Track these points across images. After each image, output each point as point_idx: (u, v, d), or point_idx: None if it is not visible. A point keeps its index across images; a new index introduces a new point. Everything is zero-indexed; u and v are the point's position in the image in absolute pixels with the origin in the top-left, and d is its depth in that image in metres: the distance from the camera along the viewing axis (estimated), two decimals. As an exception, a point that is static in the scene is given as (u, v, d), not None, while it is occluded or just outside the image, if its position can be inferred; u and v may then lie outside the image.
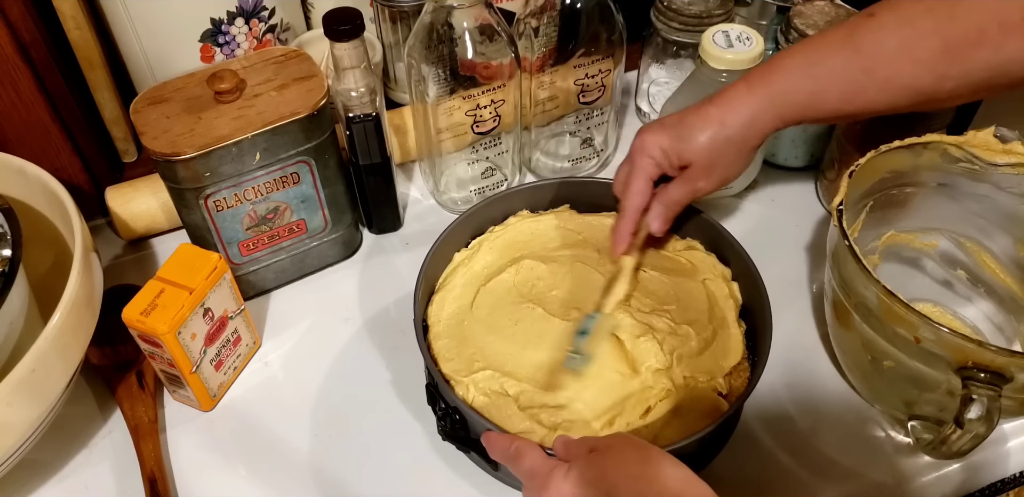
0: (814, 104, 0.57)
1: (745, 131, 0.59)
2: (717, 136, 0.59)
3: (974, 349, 0.52)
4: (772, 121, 0.58)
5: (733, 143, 0.59)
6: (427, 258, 0.65)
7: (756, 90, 0.58)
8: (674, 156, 0.60)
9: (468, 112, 0.71)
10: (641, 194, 0.62)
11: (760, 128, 0.59)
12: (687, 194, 0.62)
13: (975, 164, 0.64)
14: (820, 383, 0.68)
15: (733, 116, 0.58)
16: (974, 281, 0.70)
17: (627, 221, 0.64)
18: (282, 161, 0.65)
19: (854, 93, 0.56)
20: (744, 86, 0.58)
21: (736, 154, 0.60)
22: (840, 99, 0.56)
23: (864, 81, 0.55)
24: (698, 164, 0.60)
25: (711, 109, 0.59)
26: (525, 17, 0.71)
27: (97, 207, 0.77)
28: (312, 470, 0.63)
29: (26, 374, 0.53)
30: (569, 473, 0.48)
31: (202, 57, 0.77)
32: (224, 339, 0.65)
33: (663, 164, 0.61)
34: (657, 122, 0.62)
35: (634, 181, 0.62)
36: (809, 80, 0.57)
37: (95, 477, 0.63)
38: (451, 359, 0.62)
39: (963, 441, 0.53)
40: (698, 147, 0.59)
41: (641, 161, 0.61)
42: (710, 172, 0.61)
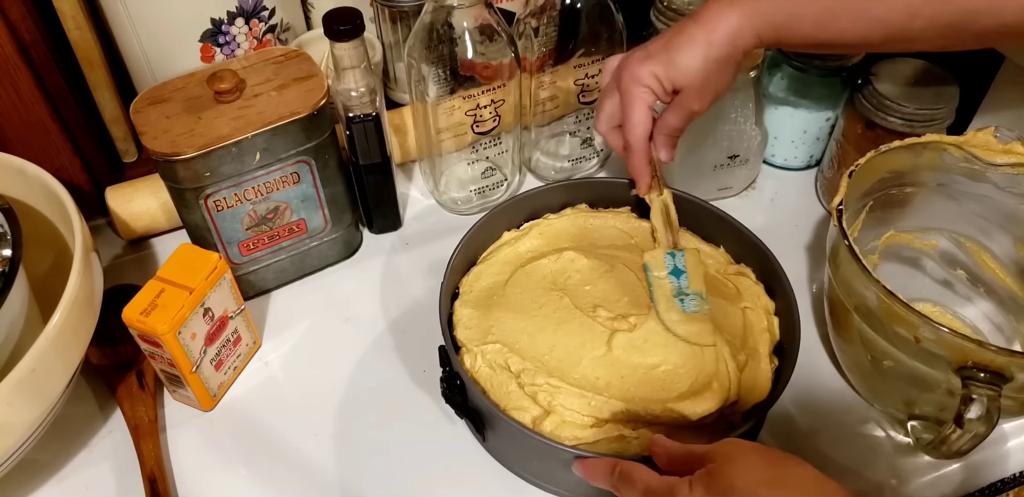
0: (790, 26, 0.58)
1: (730, 48, 0.59)
2: (708, 57, 0.59)
3: (974, 349, 0.52)
4: (752, 38, 0.59)
5: (721, 62, 0.59)
6: (473, 228, 0.67)
7: (737, 5, 0.58)
8: (667, 82, 0.60)
9: (468, 112, 0.71)
10: (644, 124, 0.62)
11: (742, 44, 0.59)
12: (685, 119, 0.62)
13: (975, 164, 0.64)
14: (820, 383, 0.68)
15: (719, 34, 0.58)
16: (974, 281, 0.70)
17: (641, 153, 0.63)
18: (282, 161, 0.65)
19: (828, 20, 0.56)
20: (727, 4, 0.59)
21: (724, 71, 0.60)
22: (815, 24, 0.57)
23: (838, 9, 0.56)
24: (691, 87, 0.60)
25: (696, 29, 0.59)
26: (525, 17, 0.71)
27: (97, 207, 0.77)
28: (312, 470, 0.63)
29: (26, 374, 0.53)
30: (695, 487, 0.45)
31: (202, 57, 0.77)
32: (224, 339, 0.65)
33: (659, 92, 0.61)
34: (642, 50, 0.61)
35: (634, 112, 0.62)
36: (788, 1, 0.57)
37: (95, 477, 0.63)
38: (469, 328, 0.63)
39: (963, 441, 0.53)
40: (691, 71, 0.59)
41: (637, 90, 0.61)
42: (703, 94, 0.61)
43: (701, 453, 0.47)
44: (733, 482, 0.44)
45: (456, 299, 0.65)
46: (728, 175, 0.79)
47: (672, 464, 0.50)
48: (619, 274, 0.66)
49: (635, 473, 0.50)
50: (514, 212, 0.70)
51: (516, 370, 0.60)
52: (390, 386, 0.68)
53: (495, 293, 0.65)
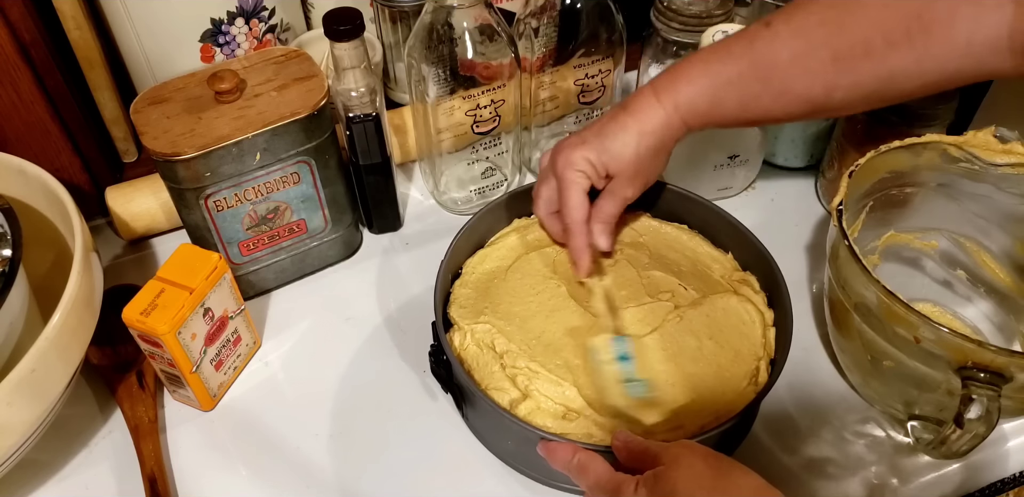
0: (715, 111, 0.59)
1: (662, 138, 0.60)
2: (639, 147, 0.60)
3: (974, 349, 0.52)
4: (680, 127, 0.60)
5: (652, 150, 0.61)
6: (479, 213, 0.68)
7: (663, 99, 0.59)
8: (601, 168, 0.61)
9: (468, 112, 0.71)
10: (581, 207, 0.63)
11: (673, 133, 0.60)
12: (619, 205, 0.64)
13: (975, 164, 0.64)
14: (820, 383, 0.68)
15: (651, 125, 0.60)
16: (974, 281, 0.70)
17: (580, 235, 0.63)
18: (282, 161, 0.65)
19: (751, 101, 0.57)
20: (652, 94, 0.60)
21: (655, 159, 0.62)
22: (739, 107, 0.58)
23: (760, 90, 0.56)
24: (623, 174, 0.62)
25: (627, 119, 0.60)
26: (525, 17, 0.71)
27: (97, 207, 0.77)
28: (312, 470, 0.63)
29: (26, 374, 0.53)
30: (639, 489, 0.47)
31: (202, 57, 0.77)
32: (224, 339, 0.65)
33: (592, 176, 0.62)
34: (576, 136, 0.62)
35: (571, 196, 0.62)
36: (710, 90, 0.58)
37: (95, 477, 0.63)
38: (463, 307, 0.64)
39: (963, 441, 0.53)
40: (623, 158, 0.61)
41: (572, 175, 0.62)
42: (634, 180, 0.62)
43: (655, 452, 0.49)
44: (676, 487, 0.46)
45: (457, 279, 0.67)
46: (728, 175, 0.79)
47: (630, 459, 0.51)
48: (621, 270, 0.66)
49: (591, 464, 0.52)
50: (527, 199, 0.70)
51: (500, 351, 0.61)
52: (390, 386, 0.68)
53: (496, 276, 0.66)
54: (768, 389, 0.58)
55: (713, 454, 0.48)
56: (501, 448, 0.63)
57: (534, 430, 0.55)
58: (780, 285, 0.63)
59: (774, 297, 0.65)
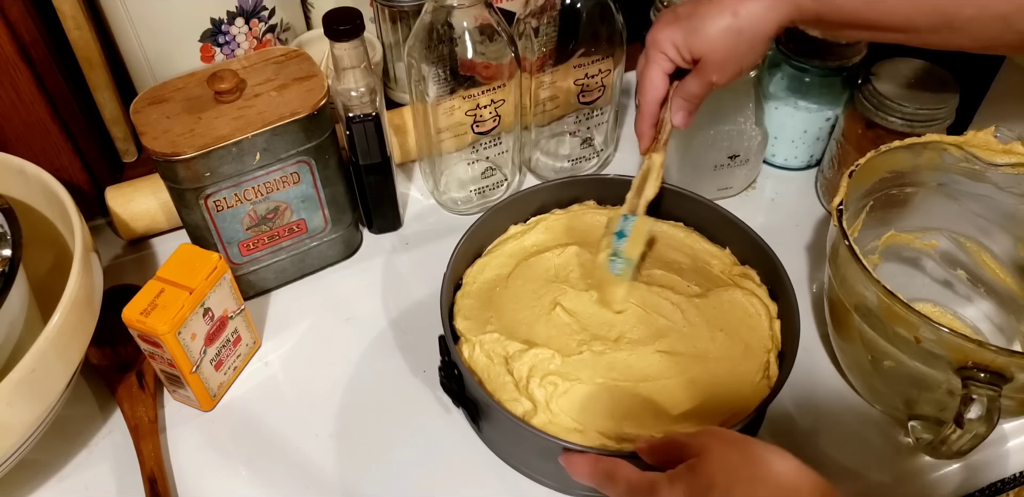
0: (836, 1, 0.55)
1: (759, 21, 0.56)
2: (730, 28, 0.56)
3: (974, 349, 0.52)
4: (789, 11, 0.56)
5: (745, 34, 0.56)
6: (479, 220, 0.67)
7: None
8: (685, 51, 0.58)
9: (468, 112, 0.71)
10: (656, 88, 0.61)
11: (776, 17, 0.56)
12: (704, 87, 0.60)
13: (975, 164, 0.64)
14: (820, 383, 0.68)
15: (748, 6, 0.56)
16: (974, 281, 0.70)
17: (646, 116, 0.62)
18: (282, 161, 0.65)
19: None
20: None
21: (748, 46, 0.57)
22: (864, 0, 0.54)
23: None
24: (710, 58, 0.58)
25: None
26: (525, 17, 0.71)
27: (97, 207, 0.77)
28: (312, 470, 0.63)
29: (26, 374, 0.53)
30: (675, 486, 0.45)
31: (202, 57, 0.77)
32: (224, 339, 0.65)
33: (676, 59, 0.59)
34: (671, 11, 0.60)
35: (647, 76, 0.61)
36: None
37: (95, 477, 0.63)
38: (468, 318, 0.63)
39: (963, 441, 0.53)
40: (709, 40, 0.57)
41: (655, 55, 0.60)
42: (723, 65, 0.59)
43: (682, 442, 0.47)
44: (713, 479, 0.43)
45: (459, 290, 0.66)
46: (728, 175, 0.79)
47: (655, 455, 0.49)
48: None
49: (617, 470, 0.49)
50: (522, 205, 0.70)
51: (510, 359, 0.60)
52: (390, 386, 0.68)
53: (497, 285, 0.66)
54: (783, 382, 0.58)
55: (742, 439, 0.46)
56: (520, 459, 0.62)
57: (554, 440, 0.54)
58: (782, 277, 0.63)
59: (777, 289, 0.65)
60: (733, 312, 0.64)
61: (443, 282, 0.63)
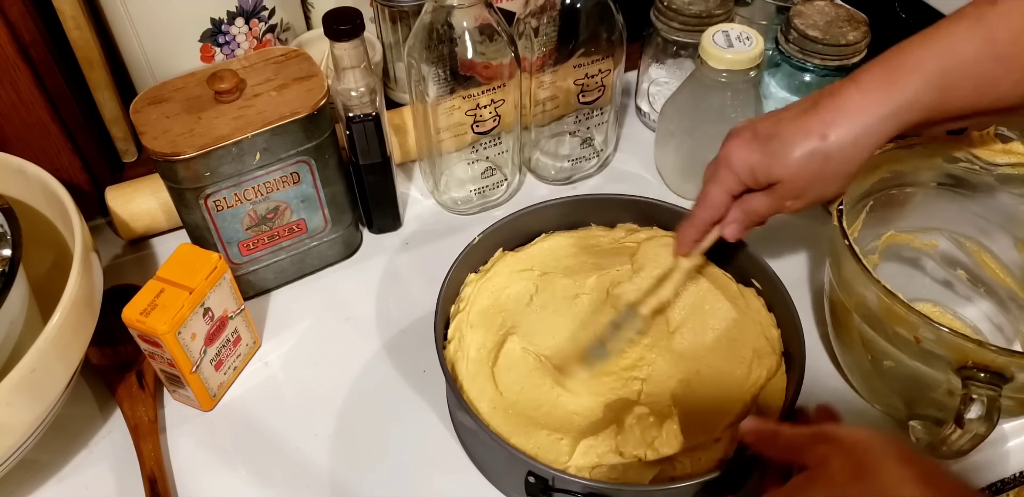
0: (943, 102, 0.50)
1: (852, 147, 0.50)
2: (815, 155, 0.51)
3: (974, 349, 0.52)
4: (891, 129, 0.50)
5: (833, 162, 0.51)
6: (471, 244, 0.66)
7: (872, 94, 0.50)
8: (762, 175, 0.53)
9: (468, 112, 0.71)
10: (716, 207, 0.56)
11: (874, 142, 0.51)
12: (773, 210, 0.55)
13: (975, 164, 0.64)
14: (820, 383, 0.68)
15: (840, 130, 0.50)
16: (974, 281, 0.70)
17: (695, 229, 0.58)
18: (282, 161, 0.65)
19: (988, 86, 0.49)
20: (855, 90, 0.50)
21: (836, 173, 0.52)
22: (973, 93, 0.50)
23: (999, 72, 0.49)
24: (789, 184, 0.53)
25: (813, 120, 0.51)
26: (525, 17, 0.71)
27: (97, 207, 0.77)
28: (313, 470, 0.63)
29: (26, 374, 0.53)
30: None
31: (202, 57, 0.77)
32: (224, 339, 0.65)
33: (749, 182, 0.54)
34: (749, 129, 0.54)
35: (712, 193, 0.56)
36: (939, 76, 0.49)
37: (95, 477, 0.63)
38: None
39: (963, 441, 0.53)
40: (791, 167, 0.51)
41: (726, 176, 0.55)
42: (802, 193, 0.53)
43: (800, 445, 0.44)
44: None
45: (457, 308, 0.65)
46: (728, 175, 0.79)
47: (764, 446, 0.47)
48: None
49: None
50: (522, 225, 0.69)
51: None
52: (390, 386, 0.68)
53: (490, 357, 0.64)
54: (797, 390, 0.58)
55: (858, 446, 0.42)
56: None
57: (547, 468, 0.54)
58: (778, 287, 0.63)
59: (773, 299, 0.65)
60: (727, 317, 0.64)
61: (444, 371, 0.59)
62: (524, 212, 0.68)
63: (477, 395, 0.60)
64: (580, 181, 0.84)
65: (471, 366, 0.61)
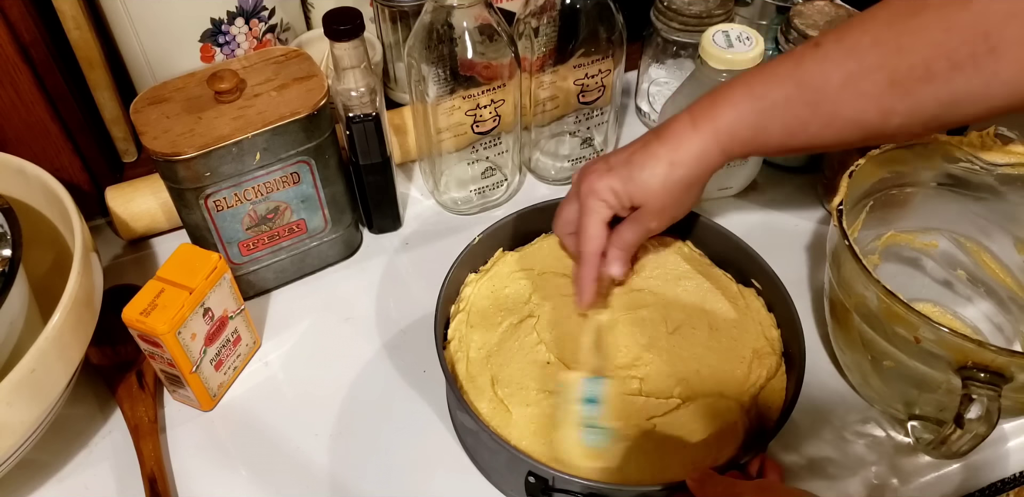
0: (759, 139, 0.55)
1: (694, 169, 0.57)
2: (669, 178, 0.57)
3: (974, 349, 0.52)
4: (719, 156, 0.57)
5: (683, 182, 0.58)
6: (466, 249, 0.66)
7: (701, 126, 0.56)
8: (625, 198, 0.59)
9: (468, 112, 0.71)
10: (598, 238, 0.60)
11: (708, 164, 0.57)
12: (641, 235, 0.61)
13: (975, 164, 0.64)
14: (820, 383, 0.68)
15: (682, 155, 0.57)
16: (974, 281, 0.70)
17: (589, 267, 0.61)
18: (282, 161, 0.65)
19: (799, 128, 0.54)
20: (689, 122, 0.57)
21: (686, 192, 0.59)
22: (785, 134, 0.54)
23: (808, 116, 0.53)
24: (650, 205, 0.59)
25: (659, 148, 0.58)
26: (525, 17, 0.71)
27: (97, 207, 0.77)
28: (313, 470, 0.63)
29: (26, 374, 0.53)
30: None
31: (202, 57, 0.77)
32: (224, 339, 0.65)
33: (615, 207, 0.60)
34: (603, 161, 0.60)
35: (589, 225, 0.60)
36: (753, 115, 0.54)
37: (95, 477, 0.63)
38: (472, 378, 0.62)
39: (963, 441, 0.53)
40: (650, 189, 0.58)
41: (593, 204, 0.60)
42: (662, 213, 0.60)
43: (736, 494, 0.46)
44: None
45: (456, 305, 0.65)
46: (728, 175, 0.79)
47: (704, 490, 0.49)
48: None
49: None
50: (519, 226, 0.69)
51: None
52: (390, 386, 0.68)
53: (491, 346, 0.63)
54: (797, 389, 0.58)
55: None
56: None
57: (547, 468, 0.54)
58: (778, 287, 0.63)
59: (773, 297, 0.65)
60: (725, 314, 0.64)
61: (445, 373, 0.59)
62: (524, 212, 0.68)
63: (477, 395, 0.60)
64: (580, 181, 0.84)
65: (471, 366, 0.61)
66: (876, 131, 0.52)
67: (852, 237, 0.58)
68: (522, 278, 0.67)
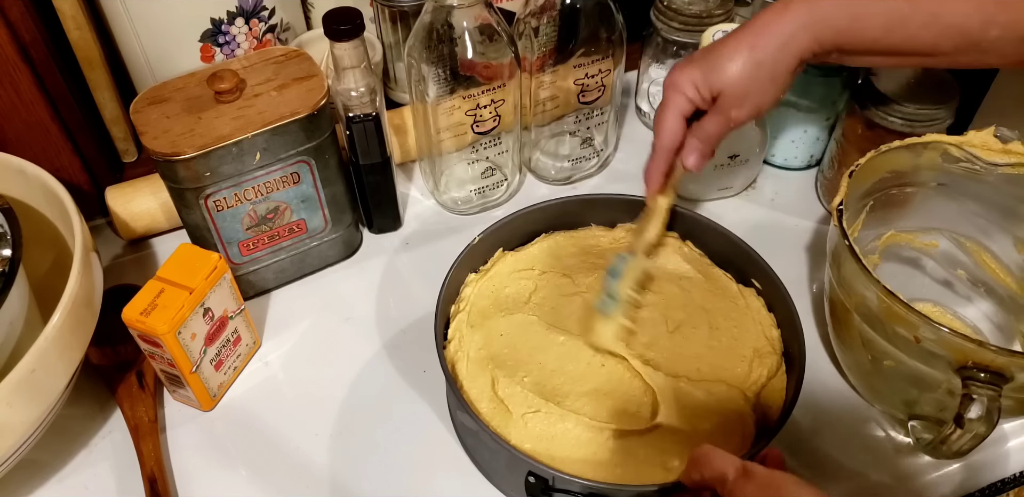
0: (854, 30, 0.54)
1: (778, 53, 0.56)
2: (748, 61, 0.56)
3: (974, 349, 0.52)
4: (809, 43, 0.55)
5: (765, 67, 0.56)
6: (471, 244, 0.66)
7: (794, 8, 0.55)
8: (704, 89, 0.58)
9: (468, 112, 0.71)
10: (672, 132, 0.60)
11: (795, 50, 0.55)
12: (722, 125, 0.59)
13: (975, 164, 0.64)
14: (820, 383, 0.68)
15: (766, 39, 0.55)
16: (974, 281, 0.70)
17: (659, 160, 0.61)
18: (282, 161, 0.65)
19: (898, 23, 0.53)
20: (781, 5, 0.55)
21: (769, 79, 0.57)
22: (883, 27, 0.53)
23: (909, 12, 0.52)
24: (729, 92, 0.57)
25: (743, 34, 0.56)
26: (525, 17, 0.71)
27: (97, 207, 0.77)
28: (312, 470, 0.63)
29: (26, 374, 0.53)
30: None
31: (202, 57, 0.77)
32: (224, 339, 0.65)
33: (695, 99, 0.59)
34: (687, 57, 0.60)
35: (665, 118, 0.60)
36: (852, 2, 0.53)
37: (95, 477, 0.63)
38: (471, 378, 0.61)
39: (963, 441, 0.53)
40: (729, 74, 0.56)
41: (673, 97, 0.59)
42: (743, 100, 0.58)
43: (719, 476, 0.45)
44: None
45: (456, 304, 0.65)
46: (728, 175, 0.79)
47: (691, 470, 0.48)
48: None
49: None
50: (524, 223, 0.69)
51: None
52: (390, 386, 0.68)
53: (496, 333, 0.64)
54: (797, 391, 0.58)
55: (775, 483, 0.45)
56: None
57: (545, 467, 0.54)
58: (768, 275, 0.63)
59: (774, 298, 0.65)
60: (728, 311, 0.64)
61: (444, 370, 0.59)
62: (524, 212, 0.68)
63: (477, 395, 0.60)
64: (580, 181, 0.84)
65: (471, 366, 0.61)
66: (973, 40, 0.52)
67: (852, 237, 0.58)
68: (522, 278, 0.67)
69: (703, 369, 0.62)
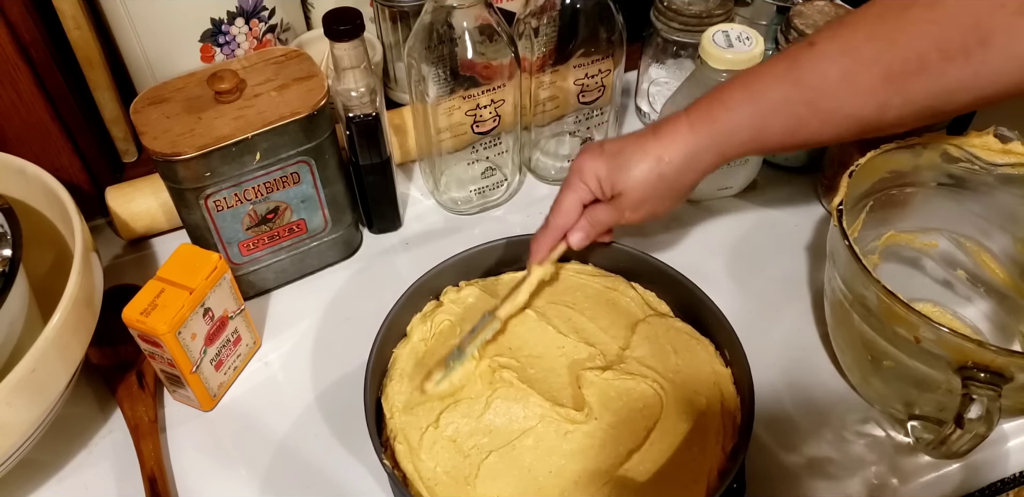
0: (757, 140, 0.56)
1: (681, 170, 0.58)
2: (651, 172, 0.58)
3: (974, 349, 0.52)
4: (713, 159, 0.58)
5: (666, 180, 0.59)
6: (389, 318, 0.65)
7: (697, 128, 0.57)
8: (607, 185, 0.60)
9: (468, 112, 0.71)
10: (568, 213, 0.62)
11: (700, 168, 0.58)
12: (614, 219, 0.62)
13: (975, 164, 0.64)
14: (820, 383, 0.68)
15: (671, 153, 0.58)
16: (974, 281, 0.70)
17: (549, 236, 0.63)
18: (282, 161, 0.65)
19: (797, 126, 0.54)
20: (686, 122, 0.57)
21: (668, 191, 0.60)
22: (784, 133, 0.55)
23: (806, 114, 0.54)
24: (629, 195, 0.60)
25: (651, 142, 0.58)
26: (525, 17, 0.71)
27: (97, 207, 0.77)
28: (312, 470, 0.63)
29: (26, 374, 0.53)
30: None
31: (202, 57, 0.77)
32: (224, 339, 0.65)
33: (596, 192, 0.61)
34: (598, 146, 0.61)
35: (565, 200, 0.62)
36: (751, 116, 0.55)
37: (95, 477, 0.63)
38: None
39: (963, 441, 0.53)
40: (632, 179, 0.59)
41: (577, 184, 0.61)
42: (640, 205, 0.60)
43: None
44: None
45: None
46: (728, 175, 0.79)
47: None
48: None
49: None
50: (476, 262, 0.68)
51: None
52: (390, 386, 0.68)
53: None
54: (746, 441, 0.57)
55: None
56: None
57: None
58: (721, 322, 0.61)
59: (721, 338, 0.63)
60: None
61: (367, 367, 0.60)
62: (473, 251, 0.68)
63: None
64: (580, 181, 0.84)
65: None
66: (873, 124, 0.53)
67: (852, 237, 0.58)
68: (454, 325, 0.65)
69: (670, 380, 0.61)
